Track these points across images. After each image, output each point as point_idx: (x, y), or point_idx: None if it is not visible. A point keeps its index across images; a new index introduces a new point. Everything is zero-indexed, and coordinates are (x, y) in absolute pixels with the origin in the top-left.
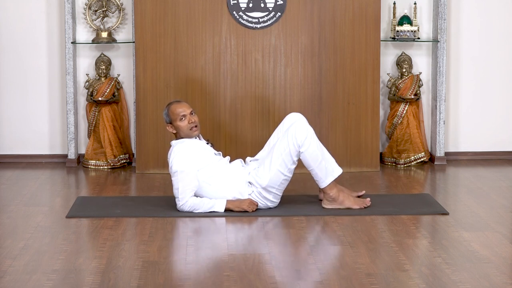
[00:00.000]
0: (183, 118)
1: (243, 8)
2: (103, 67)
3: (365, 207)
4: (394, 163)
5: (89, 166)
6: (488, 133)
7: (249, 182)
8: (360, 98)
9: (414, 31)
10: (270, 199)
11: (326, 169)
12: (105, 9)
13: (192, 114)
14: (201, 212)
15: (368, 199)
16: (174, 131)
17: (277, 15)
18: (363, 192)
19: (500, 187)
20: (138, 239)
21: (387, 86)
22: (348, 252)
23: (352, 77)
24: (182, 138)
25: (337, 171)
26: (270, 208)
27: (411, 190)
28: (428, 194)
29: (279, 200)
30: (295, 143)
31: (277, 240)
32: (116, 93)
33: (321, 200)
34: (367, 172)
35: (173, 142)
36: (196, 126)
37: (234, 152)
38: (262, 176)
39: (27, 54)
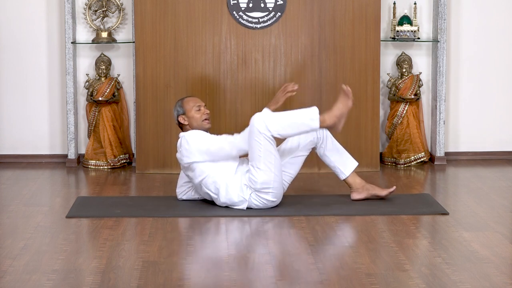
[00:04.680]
0: (199, 109)
1: (243, 8)
2: (103, 67)
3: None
4: (394, 163)
5: (89, 166)
6: (488, 133)
7: (246, 185)
8: (360, 98)
9: (414, 31)
10: (269, 199)
11: (307, 125)
12: (105, 9)
13: (205, 107)
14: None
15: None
16: (186, 123)
17: (277, 15)
18: (394, 187)
19: (500, 187)
20: (138, 239)
21: (387, 86)
22: (348, 252)
23: (352, 77)
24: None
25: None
26: (271, 207)
27: (411, 190)
28: (428, 194)
29: (279, 199)
30: (261, 132)
31: (277, 240)
32: (116, 93)
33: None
34: (367, 172)
35: (182, 134)
36: (208, 120)
37: None
38: (253, 179)
39: (27, 54)
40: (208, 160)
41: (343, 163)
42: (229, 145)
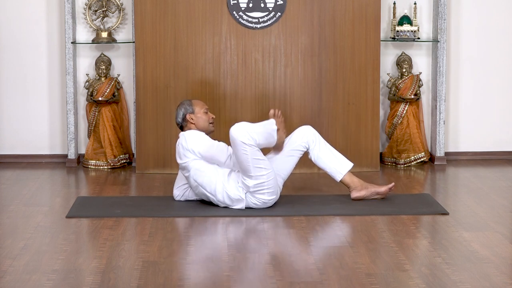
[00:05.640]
0: (206, 112)
1: (243, 8)
2: (103, 67)
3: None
4: (394, 163)
5: (89, 166)
6: (488, 133)
7: (241, 186)
8: (360, 98)
9: (414, 31)
10: (266, 198)
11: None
12: (105, 9)
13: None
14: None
15: (393, 183)
16: (193, 122)
17: (277, 15)
18: (393, 184)
19: (500, 187)
20: (138, 239)
21: (387, 86)
22: (348, 252)
23: (352, 77)
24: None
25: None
26: (271, 206)
27: (411, 190)
28: (428, 194)
29: (277, 195)
30: (245, 142)
31: (277, 240)
32: (116, 93)
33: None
34: (367, 172)
35: (182, 133)
36: (213, 123)
37: None
38: (246, 184)
39: (27, 54)
40: (202, 159)
41: (338, 164)
42: (227, 151)
